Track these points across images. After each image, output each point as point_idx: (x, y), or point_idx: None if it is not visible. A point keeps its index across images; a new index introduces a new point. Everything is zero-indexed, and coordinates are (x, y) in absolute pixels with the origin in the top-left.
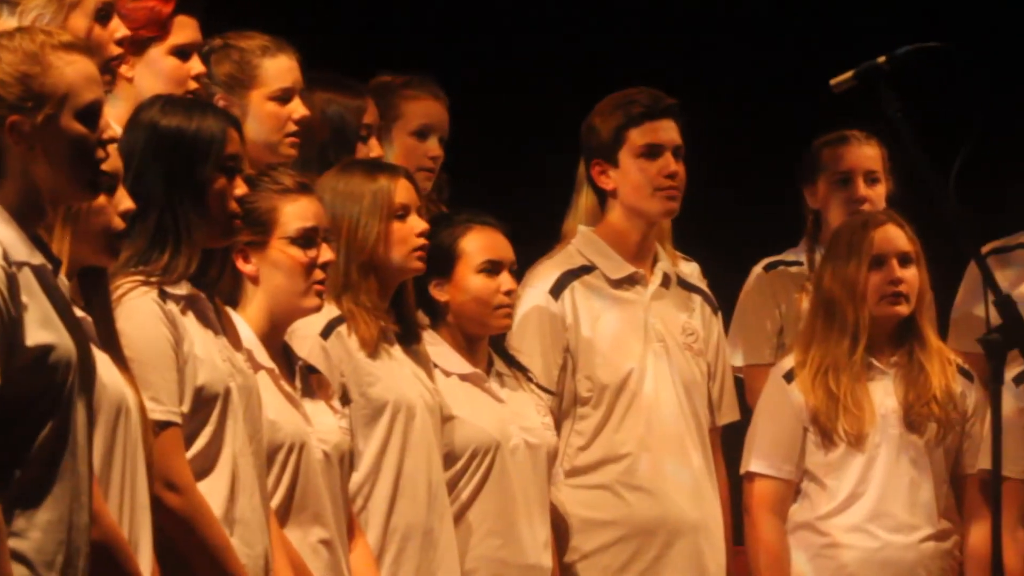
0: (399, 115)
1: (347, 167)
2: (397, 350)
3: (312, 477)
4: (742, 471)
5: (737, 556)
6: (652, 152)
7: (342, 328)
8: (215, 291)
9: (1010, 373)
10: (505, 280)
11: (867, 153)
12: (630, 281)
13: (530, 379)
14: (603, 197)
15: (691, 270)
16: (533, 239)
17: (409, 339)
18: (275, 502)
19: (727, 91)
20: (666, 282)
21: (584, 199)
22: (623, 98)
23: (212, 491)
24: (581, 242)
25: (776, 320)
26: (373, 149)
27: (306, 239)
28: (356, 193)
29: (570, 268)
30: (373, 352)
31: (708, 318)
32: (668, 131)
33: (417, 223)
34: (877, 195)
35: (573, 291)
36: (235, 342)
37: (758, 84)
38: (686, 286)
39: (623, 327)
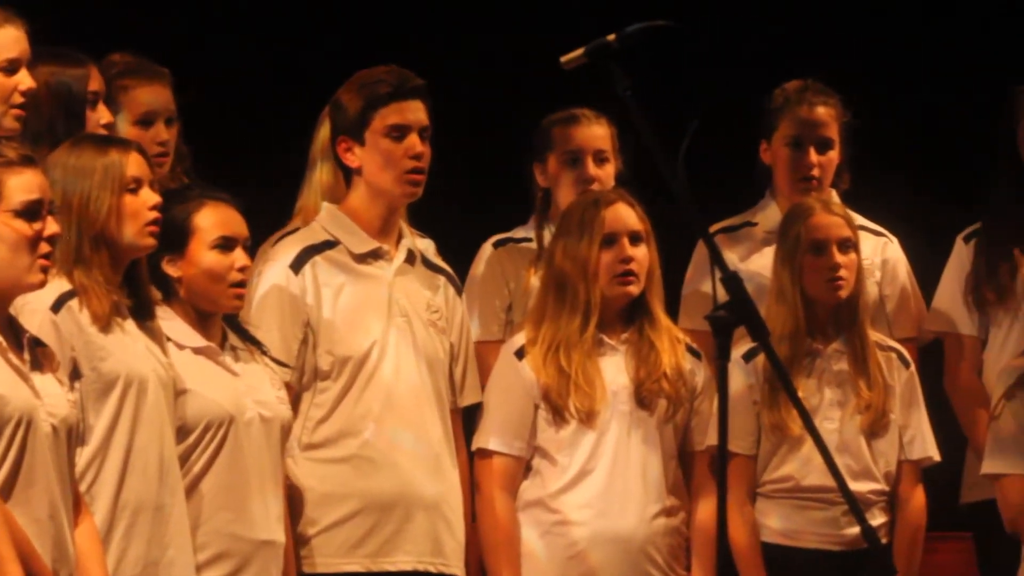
0: (119, 108)
1: (78, 142)
2: (130, 324)
3: (39, 452)
4: (473, 447)
5: (475, 533)
6: (398, 132)
7: (73, 302)
8: None
9: (739, 350)
10: (239, 256)
11: (596, 132)
12: (374, 256)
13: (264, 353)
14: (348, 174)
15: (426, 246)
16: (273, 216)
17: (142, 314)
18: (1, 477)
19: (458, 68)
20: (411, 259)
21: (320, 175)
22: (371, 77)
23: None
24: (325, 218)
25: (505, 297)
26: (103, 115)
27: (31, 212)
28: (87, 168)
29: (312, 243)
30: (105, 326)
31: (452, 299)
32: (415, 112)
33: (150, 197)
34: (606, 174)
35: (315, 266)
36: None
37: (489, 61)
38: (431, 266)
39: (366, 301)
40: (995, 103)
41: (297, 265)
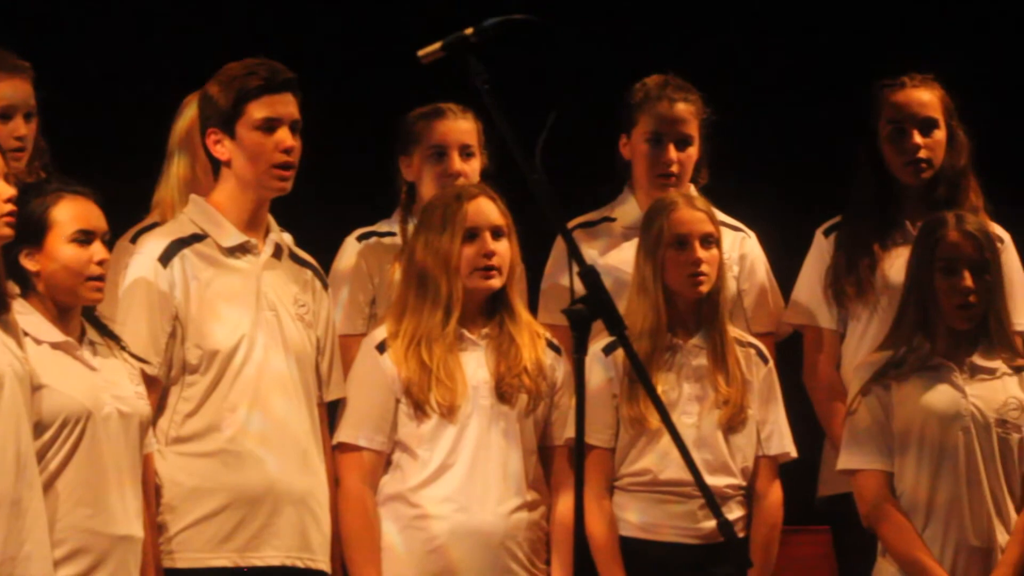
0: None
1: None
2: None
3: None
4: (334, 441)
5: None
6: (269, 125)
7: None
8: None
9: (599, 344)
10: (97, 250)
11: (462, 127)
12: (242, 250)
13: (123, 348)
14: (217, 167)
15: (288, 240)
16: (132, 210)
17: None
18: None
19: (321, 59)
20: (278, 253)
21: (177, 168)
22: (242, 69)
23: None
24: (192, 210)
25: (369, 291)
26: None
27: None
28: None
29: (180, 236)
30: None
31: (319, 292)
32: (286, 105)
33: (4, 190)
34: (472, 169)
35: (183, 259)
36: None
37: (357, 53)
38: (297, 260)
39: (234, 295)
40: (855, 98)
41: (166, 258)
